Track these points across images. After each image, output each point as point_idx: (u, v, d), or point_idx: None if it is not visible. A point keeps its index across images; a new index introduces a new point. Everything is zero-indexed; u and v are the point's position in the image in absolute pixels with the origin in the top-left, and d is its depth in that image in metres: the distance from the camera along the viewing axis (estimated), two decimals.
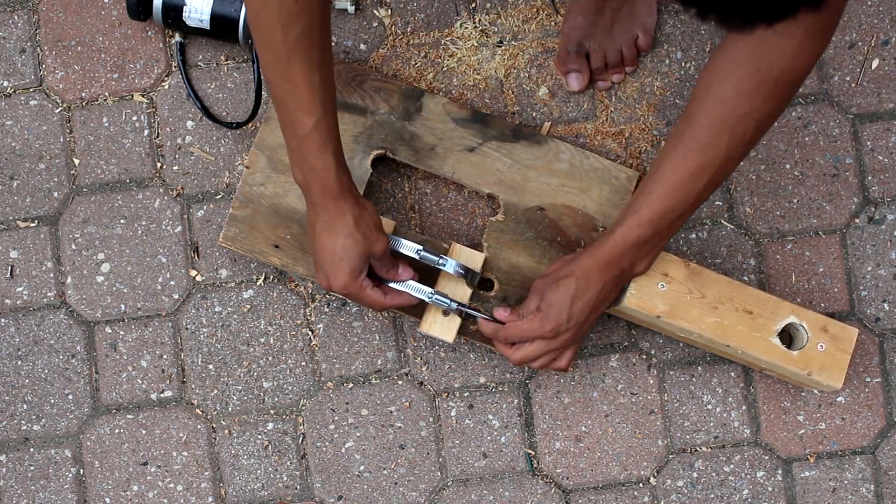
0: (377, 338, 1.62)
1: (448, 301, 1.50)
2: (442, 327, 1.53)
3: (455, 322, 1.52)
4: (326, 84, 1.31)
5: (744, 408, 1.62)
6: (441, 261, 1.50)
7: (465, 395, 1.62)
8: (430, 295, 1.49)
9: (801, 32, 1.22)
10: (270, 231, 1.57)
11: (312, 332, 1.62)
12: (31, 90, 1.64)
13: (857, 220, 1.64)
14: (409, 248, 1.50)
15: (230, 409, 1.62)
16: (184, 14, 1.56)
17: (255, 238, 1.57)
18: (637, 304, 1.47)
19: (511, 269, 1.57)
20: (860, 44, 1.65)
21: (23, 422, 1.62)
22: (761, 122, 1.31)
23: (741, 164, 1.62)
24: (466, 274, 1.51)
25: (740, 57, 1.27)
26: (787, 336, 1.53)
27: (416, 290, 1.49)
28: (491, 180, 1.59)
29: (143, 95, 1.64)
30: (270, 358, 1.62)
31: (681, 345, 1.62)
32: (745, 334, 1.48)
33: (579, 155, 1.59)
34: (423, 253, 1.50)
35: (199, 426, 1.62)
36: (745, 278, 1.63)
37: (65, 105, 1.64)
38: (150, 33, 1.64)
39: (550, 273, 1.46)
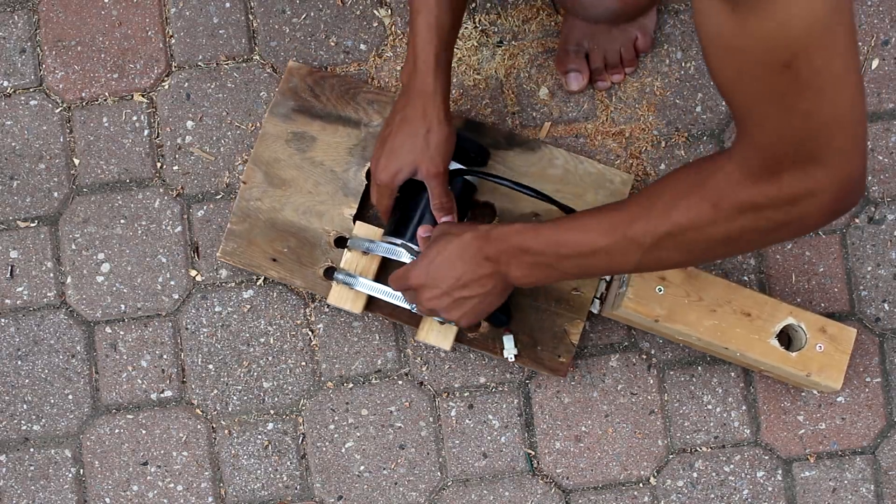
0: (377, 338, 1.62)
1: None
2: (439, 335, 1.52)
3: (452, 330, 1.52)
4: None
5: (744, 408, 1.62)
6: None
7: (465, 395, 1.62)
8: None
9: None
10: (268, 245, 1.57)
11: (312, 332, 1.62)
12: (31, 90, 1.64)
13: (857, 220, 1.64)
14: (405, 254, 1.48)
15: (230, 409, 1.62)
16: None
17: (253, 252, 1.57)
18: (635, 307, 1.46)
19: None
20: (860, 44, 1.64)
21: (23, 422, 1.62)
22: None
23: None
24: None
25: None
26: (786, 337, 1.53)
27: (397, 297, 1.48)
28: (486, 188, 1.58)
29: (143, 95, 1.64)
30: (270, 358, 1.62)
31: (681, 345, 1.62)
32: (744, 336, 1.48)
33: (573, 160, 1.59)
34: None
35: (199, 426, 1.62)
36: (745, 279, 1.63)
37: (65, 105, 1.64)
38: (150, 33, 1.64)
39: (452, 225, 1.36)
